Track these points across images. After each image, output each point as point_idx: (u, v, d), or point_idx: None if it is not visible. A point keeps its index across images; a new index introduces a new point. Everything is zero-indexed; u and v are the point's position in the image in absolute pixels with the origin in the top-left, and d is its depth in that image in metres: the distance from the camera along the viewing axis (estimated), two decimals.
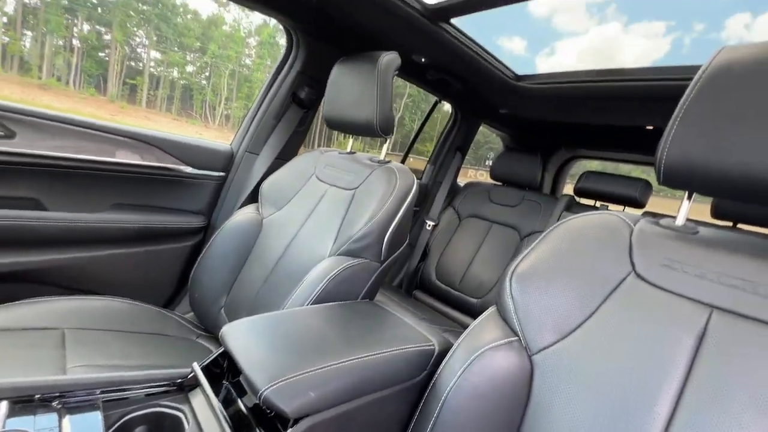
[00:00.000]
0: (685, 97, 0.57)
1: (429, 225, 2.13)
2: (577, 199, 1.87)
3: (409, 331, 0.77)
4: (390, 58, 1.05)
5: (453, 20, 1.31)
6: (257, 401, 0.52)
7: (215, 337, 1.08)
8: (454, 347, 0.66)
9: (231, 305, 1.13)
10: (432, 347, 0.72)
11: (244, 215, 1.18)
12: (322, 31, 1.29)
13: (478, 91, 1.78)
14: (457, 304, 1.87)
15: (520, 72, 1.67)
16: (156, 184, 1.23)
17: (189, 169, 1.26)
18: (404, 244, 1.04)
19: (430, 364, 0.70)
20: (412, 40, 1.34)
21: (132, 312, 1.05)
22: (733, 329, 0.52)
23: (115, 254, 1.19)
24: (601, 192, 1.76)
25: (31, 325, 0.85)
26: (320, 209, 1.11)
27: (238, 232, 1.15)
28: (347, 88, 1.12)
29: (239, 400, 0.63)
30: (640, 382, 0.53)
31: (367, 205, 0.98)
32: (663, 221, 0.67)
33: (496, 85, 1.67)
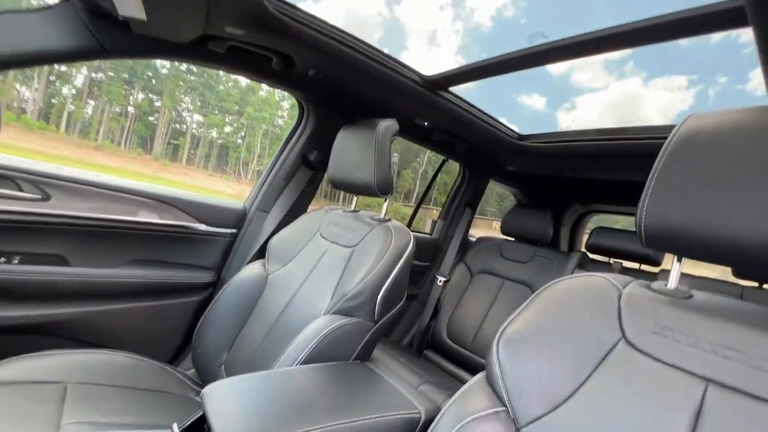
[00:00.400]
0: (657, 162, 0.59)
1: (440, 281, 2.10)
2: (591, 255, 1.82)
3: (396, 398, 0.75)
4: (387, 126, 1.13)
5: (452, 88, 1.41)
6: None
7: None
8: (439, 416, 0.64)
9: (231, 362, 1.13)
10: (417, 415, 0.69)
11: (250, 271, 1.22)
12: (328, 102, 1.42)
13: (483, 150, 1.84)
14: (468, 365, 1.79)
15: (536, 129, 1.74)
16: (171, 240, 1.31)
17: (202, 227, 1.34)
18: (401, 302, 1.04)
19: None
20: (413, 107, 1.44)
21: (136, 367, 1.07)
22: (730, 407, 0.48)
23: (127, 308, 1.24)
24: (614, 249, 1.70)
25: (36, 378, 0.89)
26: (321, 266, 1.14)
27: (243, 287, 1.19)
28: (349, 152, 1.19)
29: None
30: None
31: (363, 264, 1.00)
32: (654, 284, 0.66)
33: (500, 145, 1.72)
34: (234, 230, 1.43)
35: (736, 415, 0.47)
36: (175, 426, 0.69)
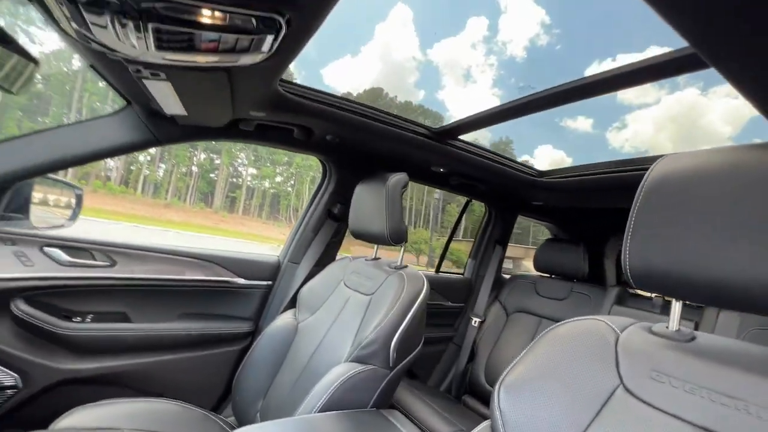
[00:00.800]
0: (633, 206, 0.61)
1: (475, 321, 2.07)
2: (631, 290, 1.72)
3: None
4: (396, 180, 1.22)
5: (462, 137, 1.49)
6: None
7: None
8: None
9: (265, 409, 1.21)
10: None
11: (282, 321, 1.32)
12: (346, 160, 1.56)
13: (504, 189, 1.87)
14: None
15: (586, 152, 1.76)
16: (214, 294, 1.46)
17: (241, 281, 1.48)
18: (418, 348, 1.07)
19: None
20: (426, 157, 1.53)
21: (183, 415, 1.18)
22: None
23: (177, 358, 1.38)
24: None
25: (99, 425, 1.02)
26: (344, 314, 1.21)
27: (277, 337, 1.28)
28: (365, 205, 1.29)
29: None
30: None
31: (377, 312, 1.06)
32: (656, 327, 0.65)
33: (520, 183, 1.75)
34: (269, 282, 1.56)
35: None
36: None
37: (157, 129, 1.17)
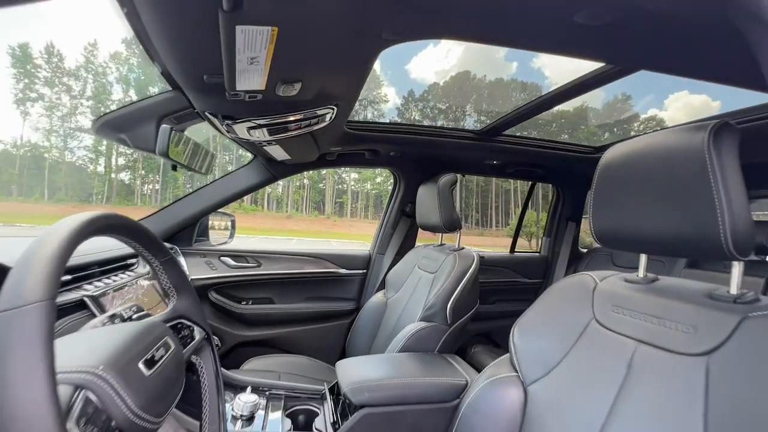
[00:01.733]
0: (592, 186, 0.84)
1: None
2: None
3: (451, 371, 1.10)
4: (446, 180, 1.52)
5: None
6: (342, 396, 1.00)
7: None
8: (476, 379, 0.97)
9: None
10: (463, 382, 1.03)
11: (376, 298, 1.74)
12: (410, 169, 1.91)
13: (564, 170, 1.98)
14: None
15: None
16: (326, 282, 1.97)
17: (343, 271, 1.96)
18: (472, 310, 1.37)
19: (462, 394, 1.02)
20: (478, 155, 1.79)
21: (314, 366, 1.69)
22: (648, 357, 0.70)
23: (306, 329, 1.92)
24: None
25: (265, 369, 1.57)
26: (417, 289, 1.57)
27: (372, 312, 1.71)
28: (425, 202, 1.63)
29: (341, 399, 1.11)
30: (592, 403, 0.73)
31: (438, 284, 1.39)
32: (630, 276, 0.86)
33: (578, 161, 1.85)
34: (364, 270, 2.01)
35: (652, 362, 0.68)
36: (325, 384, 1.22)
37: (274, 170, 1.71)
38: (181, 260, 1.66)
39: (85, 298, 0.86)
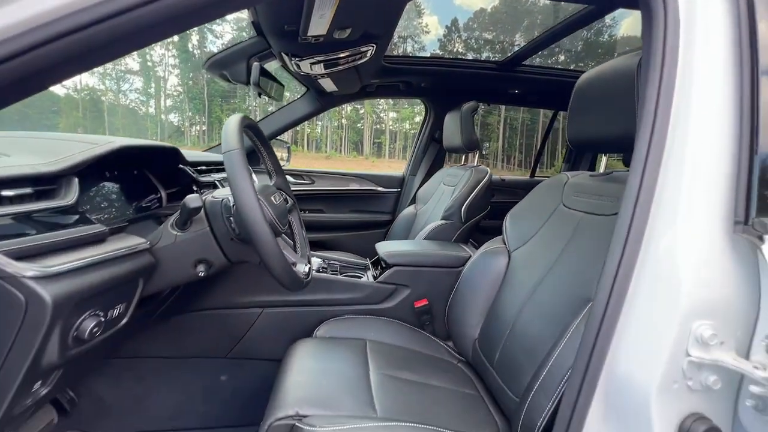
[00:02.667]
0: (570, 103, 1.11)
1: None
2: None
3: (460, 250, 1.49)
4: (467, 107, 1.79)
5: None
6: (380, 260, 1.43)
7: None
8: (475, 253, 1.35)
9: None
10: (467, 255, 1.42)
11: (408, 211, 2.14)
12: (439, 99, 2.17)
13: None
14: None
15: None
16: (367, 198, 2.38)
17: (381, 188, 2.36)
18: (482, 213, 1.72)
19: (466, 263, 1.40)
20: (503, 84, 2.02)
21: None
22: (588, 222, 1.03)
23: (350, 234, 2.37)
24: None
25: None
26: (440, 200, 1.93)
27: (405, 221, 2.11)
28: (450, 127, 1.92)
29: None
30: (546, 258, 1.06)
31: (456, 192, 1.74)
32: (594, 173, 1.17)
33: None
34: (398, 189, 2.40)
35: (589, 224, 1.00)
36: (367, 259, 1.66)
37: (324, 100, 2.05)
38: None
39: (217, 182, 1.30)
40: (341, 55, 1.28)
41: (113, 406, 1.20)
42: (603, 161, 1.13)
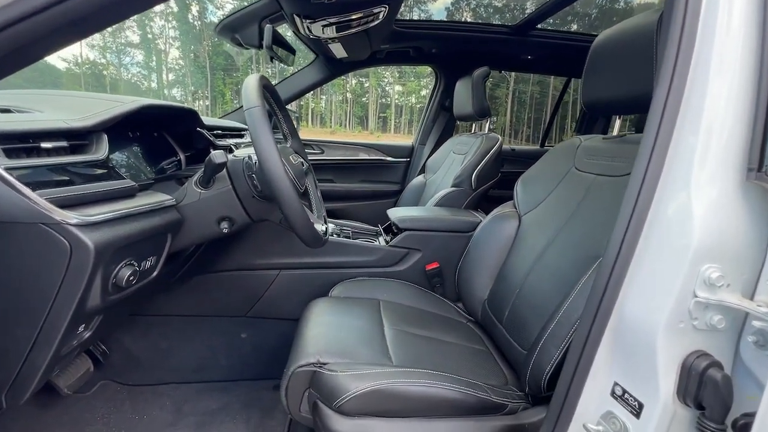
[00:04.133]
0: (585, 66, 1.10)
1: None
2: None
3: (472, 216, 1.51)
4: (479, 72, 1.77)
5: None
6: (392, 225, 1.46)
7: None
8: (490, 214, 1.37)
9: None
10: (478, 220, 1.44)
11: (417, 180, 2.14)
12: (450, 65, 2.13)
13: None
14: None
15: None
16: (376, 167, 2.39)
17: (390, 158, 2.36)
18: (492, 180, 1.73)
19: (477, 227, 1.43)
20: (516, 50, 1.97)
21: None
22: (599, 183, 1.04)
23: (359, 204, 2.40)
24: None
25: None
26: (452, 167, 1.93)
27: (414, 190, 2.12)
28: (461, 95, 1.90)
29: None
30: (558, 219, 1.08)
31: (467, 159, 1.74)
32: (608, 135, 1.17)
33: None
34: (407, 159, 2.40)
35: (601, 186, 1.01)
36: (378, 225, 1.70)
37: (333, 67, 2.02)
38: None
39: (233, 146, 1.33)
40: (353, 17, 1.26)
41: (141, 359, 1.27)
42: (617, 124, 1.13)
